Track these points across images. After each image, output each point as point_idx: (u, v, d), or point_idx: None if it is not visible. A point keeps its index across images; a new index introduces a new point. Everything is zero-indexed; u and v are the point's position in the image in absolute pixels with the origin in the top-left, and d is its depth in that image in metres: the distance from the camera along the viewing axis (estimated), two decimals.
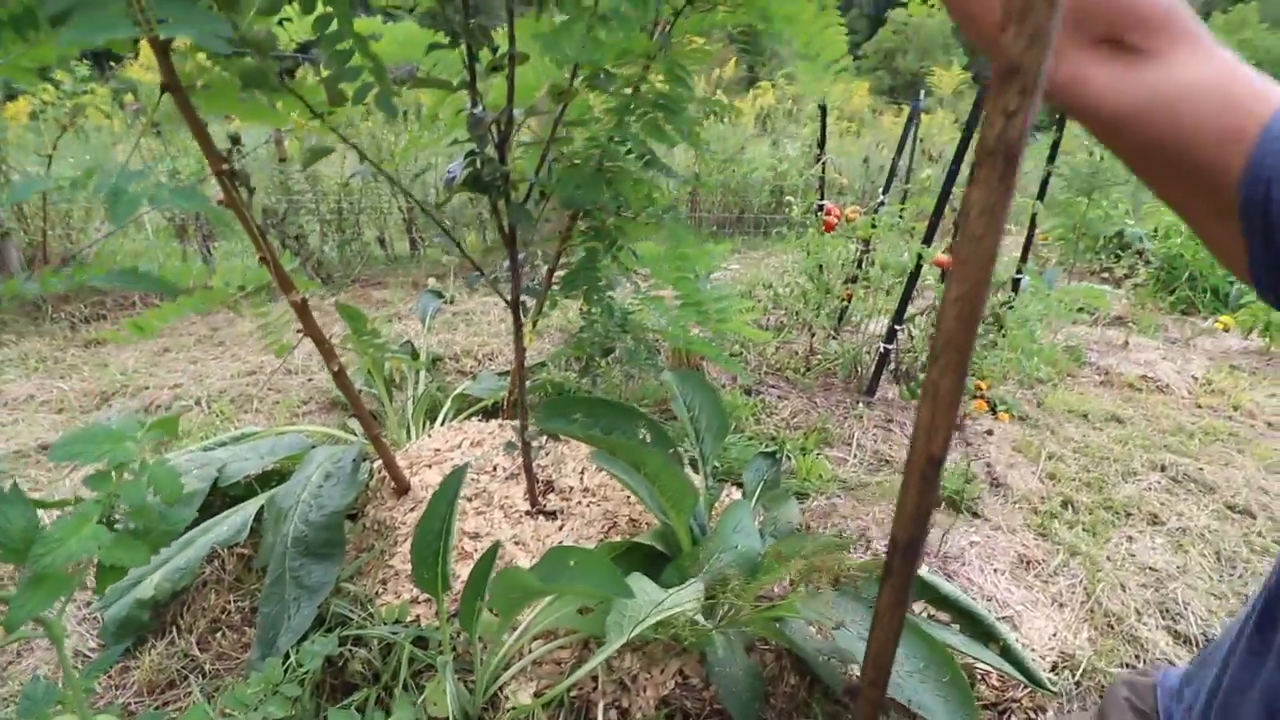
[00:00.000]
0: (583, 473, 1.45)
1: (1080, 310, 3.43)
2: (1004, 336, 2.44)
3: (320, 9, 0.75)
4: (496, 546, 0.85)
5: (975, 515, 1.73)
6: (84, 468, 1.68)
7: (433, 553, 0.84)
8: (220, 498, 1.41)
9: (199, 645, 1.18)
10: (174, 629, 1.21)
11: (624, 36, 0.95)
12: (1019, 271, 2.66)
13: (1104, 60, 0.41)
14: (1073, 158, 3.74)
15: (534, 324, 1.44)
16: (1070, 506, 1.82)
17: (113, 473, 0.57)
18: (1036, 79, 0.36)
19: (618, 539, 1.21)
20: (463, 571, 1.15)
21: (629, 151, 1.06)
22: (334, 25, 0.77)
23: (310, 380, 2.33)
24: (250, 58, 0.75)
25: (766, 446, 1.87)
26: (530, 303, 1.25)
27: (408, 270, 3.74)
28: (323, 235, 3.29)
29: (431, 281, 3.46)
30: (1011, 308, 2.48)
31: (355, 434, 1.64)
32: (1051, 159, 2.44)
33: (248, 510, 1.31)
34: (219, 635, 1.20)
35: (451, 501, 0.85)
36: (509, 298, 1.14)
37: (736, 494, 1.56)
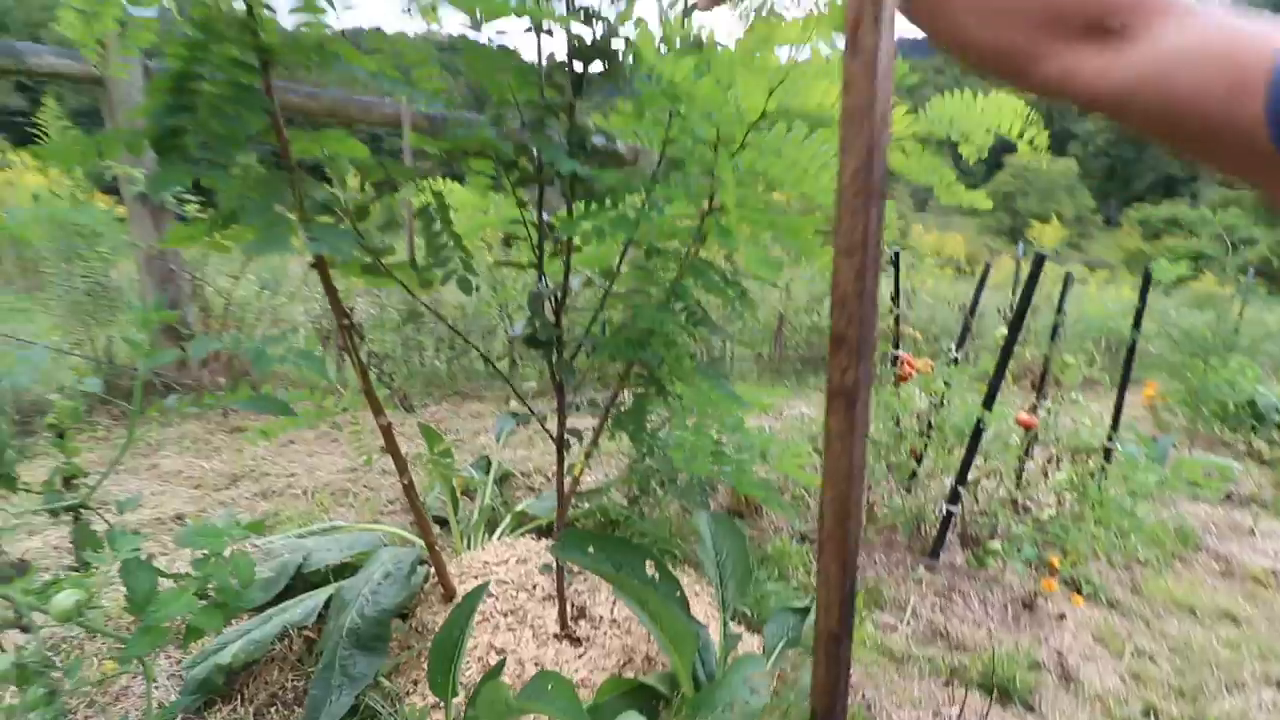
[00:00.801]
0: (614, 603, 1.53)
1: (1197, 485, 3.13)
2: (1096, 509, 2.30)
3: (428, 230, 1.01)
4: (503, 663, 0.96)
5: (1030, 709, 1.60)
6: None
7: (447, 660, 0.95)
8: (302, 582, 1.61)
9: (254, 715, 1.33)
10: (239, 697, 1.37)
11: (667, 223, 1.16)
12: (1110, 439, 2.54)
13: (1090, 50, 0.43)
14: (1182, 318, 3.57)
15: (585, 457, 1.60)
16: (1154, 716, 1.63)
17: (211, 559, 0.76)
18: (862, 347, 0.50)
19: (630, 675, 1.26)
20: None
21: (684, 309, 1.24)
22: (439, 230, 1.03)
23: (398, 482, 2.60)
24: (368, 254, 1.02)
25: (806, 600, 1.85)
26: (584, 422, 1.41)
27: (504, 387, 4.10)
28: (436, 351, 3.74)
29: (513, 404, 3.78)
30: (1103, 477, 2.35)
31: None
32: (1136, 325, 2.39)
33: (319, 597, 1.49)
34: (274, 709, 1.34)
35: (469, 615, 0.98)
36: (555, 434, 1.31)
37: (758, 644, 1.57)
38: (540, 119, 0.99)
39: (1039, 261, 1.92)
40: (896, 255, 2.95)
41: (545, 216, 1.13)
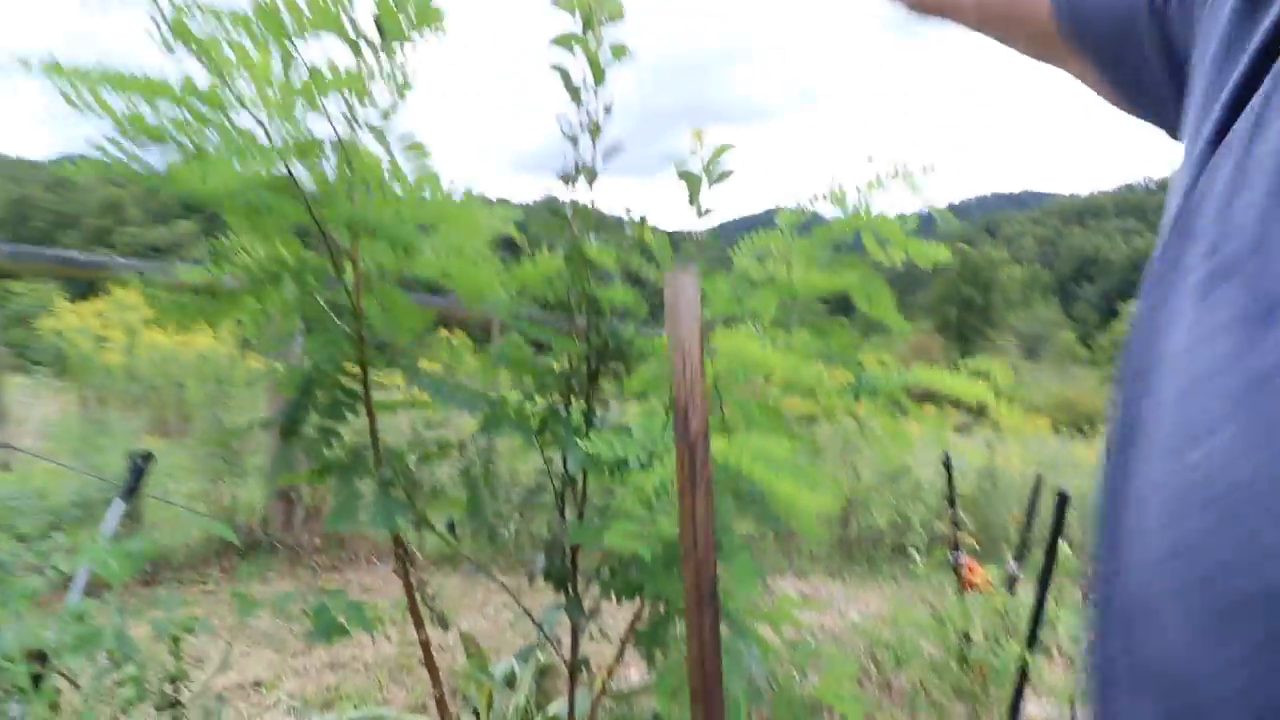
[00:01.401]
0: None
1: None
2: None
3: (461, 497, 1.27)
4: None
5: None
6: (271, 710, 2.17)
7: None
8: None
9: None
10: None
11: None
12: None
13: None
14: None
15: (607, 676, 1.70)
16: None
17: None
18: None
19: None
20: None
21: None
22: (480, 496, 1.29)
23: (454, 661, 2.73)
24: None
25: None
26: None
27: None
28: (508, 521, 4.00)
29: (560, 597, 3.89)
30: None
31: None
32: None
33: None
34: None
35: None
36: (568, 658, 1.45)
37: None
38: (558, 408, 1.26)
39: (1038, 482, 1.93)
40: (948, 461, 2.97)
41: (569, 466, 1.37)
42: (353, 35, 0.95)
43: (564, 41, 1.17)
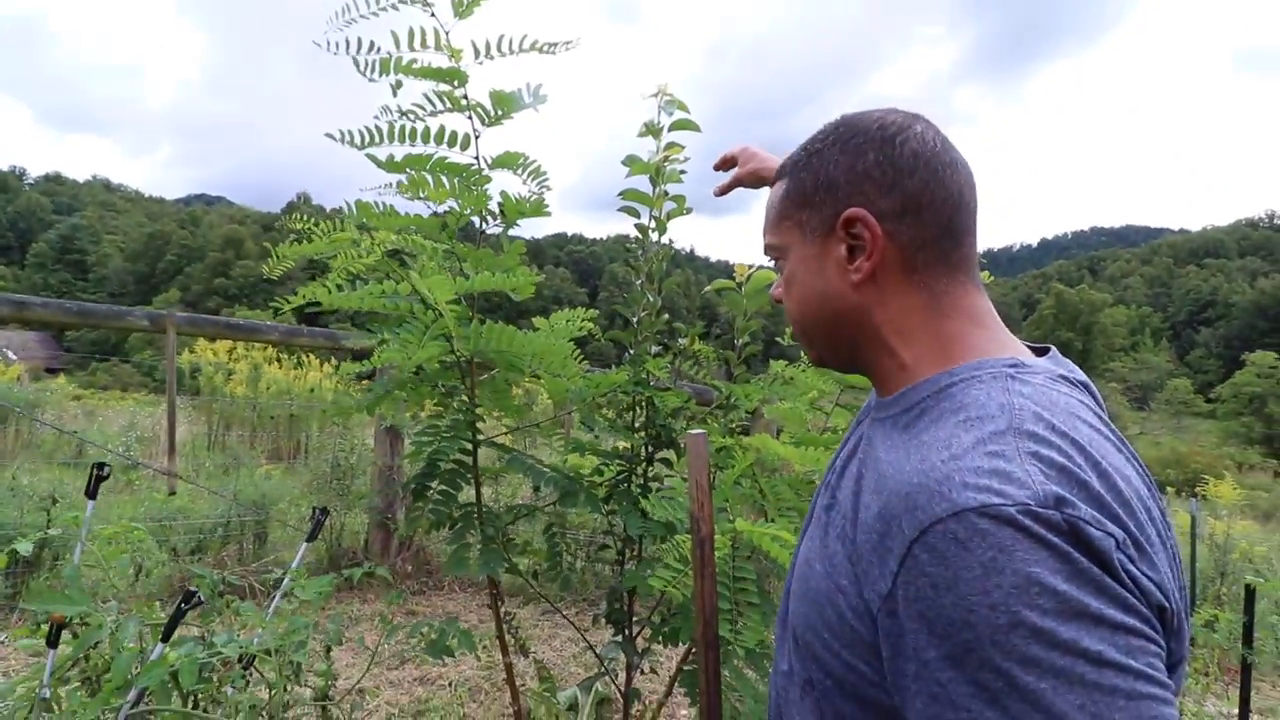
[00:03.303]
0: None
1: None
2: None
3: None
4: None
5: None
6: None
7: None
8: None
9: None
10: None
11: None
12: None
13: None
14: None
15: (657, 709, 1.99)
16: None
17: None
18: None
19: None
20: None
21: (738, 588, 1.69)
22: (559, 551, 1.63)
23: (525, 685, 3.07)
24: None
25: None
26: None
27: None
28: (583, 556, 4.34)
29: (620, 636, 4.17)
30: None
31: None
32: (1248, 642, 2.28)
33: None
34: None
35: None
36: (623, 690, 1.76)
37: None
38: (621, 482, 1.59)
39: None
40: None
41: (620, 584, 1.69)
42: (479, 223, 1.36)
43: (629, 209, 1.54)
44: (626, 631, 1.66)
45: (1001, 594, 0.40)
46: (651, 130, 1.53)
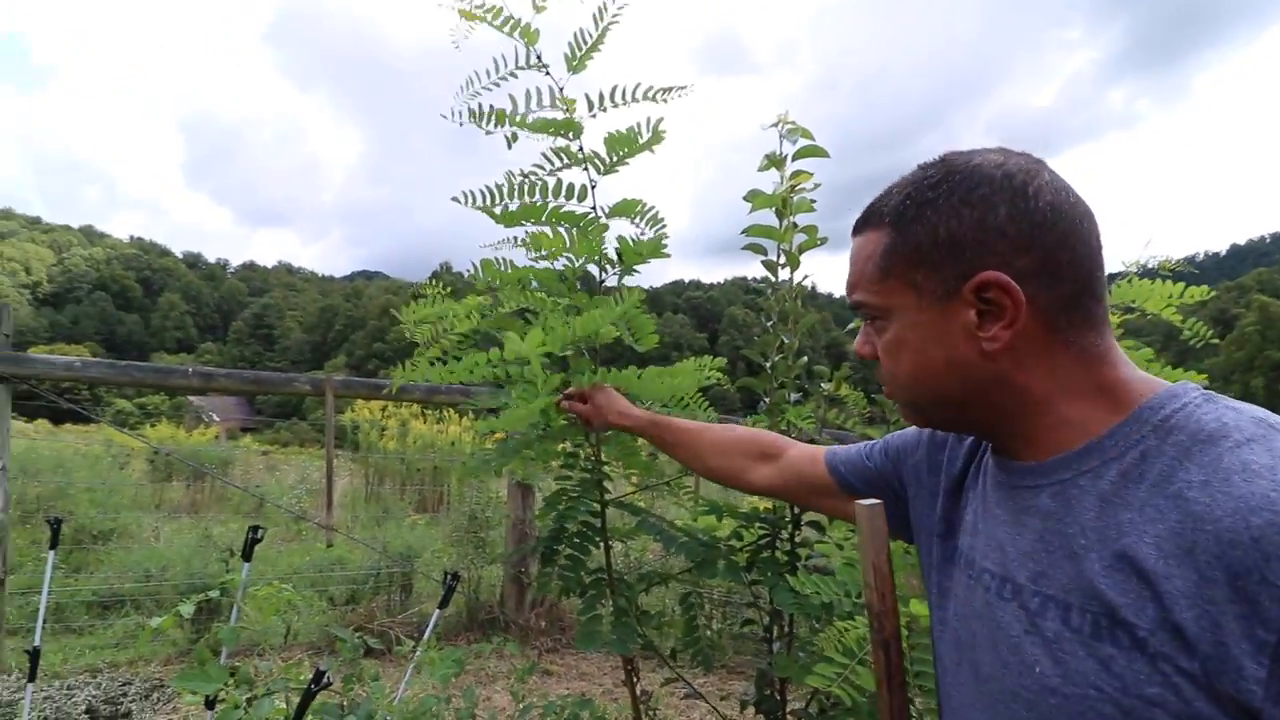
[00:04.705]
0: None
1: None
2: None
3: None
4: None
5: None
6: None
7: None
8: None
9: None
10: None
11: None
12: None
13: (760, 465, 0.96)
14: None
15: None
16: None
17: None
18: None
19: None
20: None
21: None
22: (697, 621, 1.47)
23: None
24: None
25: None
26: None
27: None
28: (719, 617, 4.09)
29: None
30: None
31: None
32: None
33: None
34: None
35: None
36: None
37: None
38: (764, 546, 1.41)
39: None
40: None
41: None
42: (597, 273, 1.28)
43: (755, 246, 1.41)
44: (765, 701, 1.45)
45: None
46: (774, 162, 1.41)
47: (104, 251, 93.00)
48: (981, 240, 0.52)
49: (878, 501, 0.74)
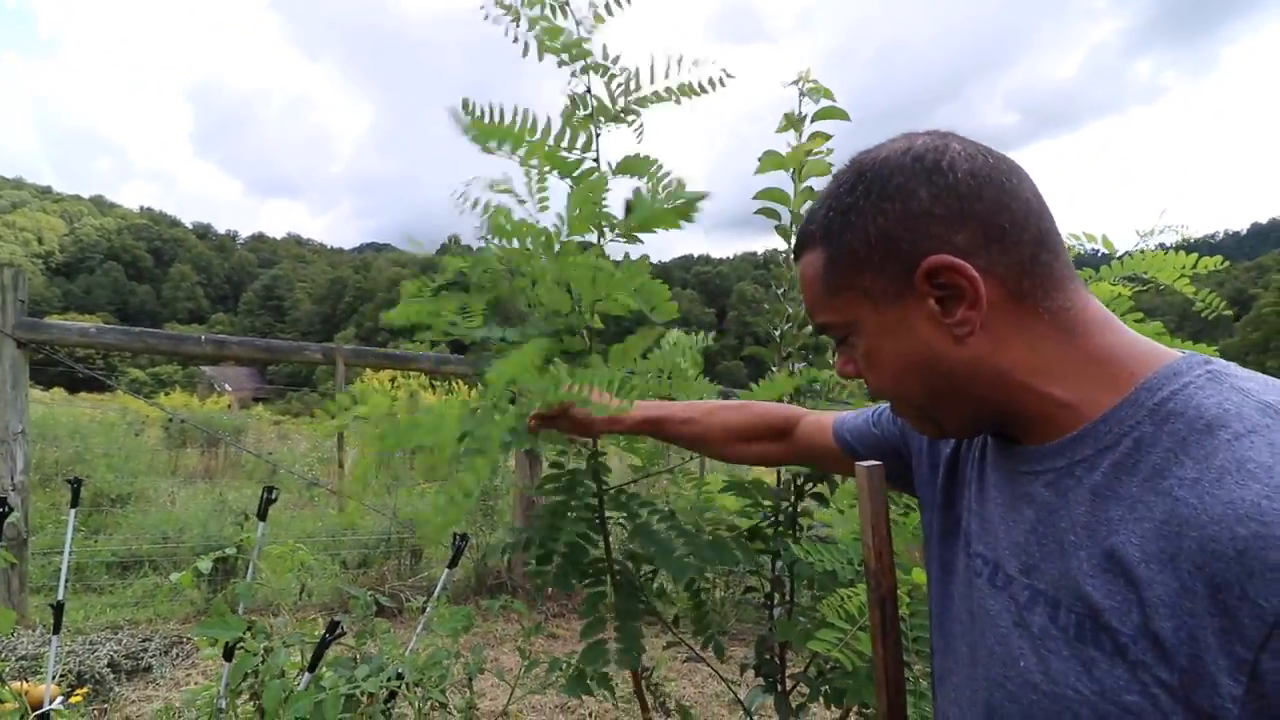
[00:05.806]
0: None
1: None
2: None
3: None
4: None
5: None
6: None
7: None
8: None
9: None
10: None
11: None
12: None
13: (773, 444, 0.97)
14: None
15: None
16: None
17: None
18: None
19: None
20: None
21: None
22: (705, 606, 1.50)
23: None
24: None
25: None
26: None
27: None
28: (720, 585, 4.16)
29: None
30: None
31: None
32: None
33: None
34: None
35: None
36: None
37: None
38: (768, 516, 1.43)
39: None
40: None
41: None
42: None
43: (768, 210, 1.40)
44: (780, 687, 1.48)
45: None
46: (792, 122, 1.38)
47: (115, 222, 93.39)
48: (911, 228, 0.51)
49: (877, 463, 0.75)
